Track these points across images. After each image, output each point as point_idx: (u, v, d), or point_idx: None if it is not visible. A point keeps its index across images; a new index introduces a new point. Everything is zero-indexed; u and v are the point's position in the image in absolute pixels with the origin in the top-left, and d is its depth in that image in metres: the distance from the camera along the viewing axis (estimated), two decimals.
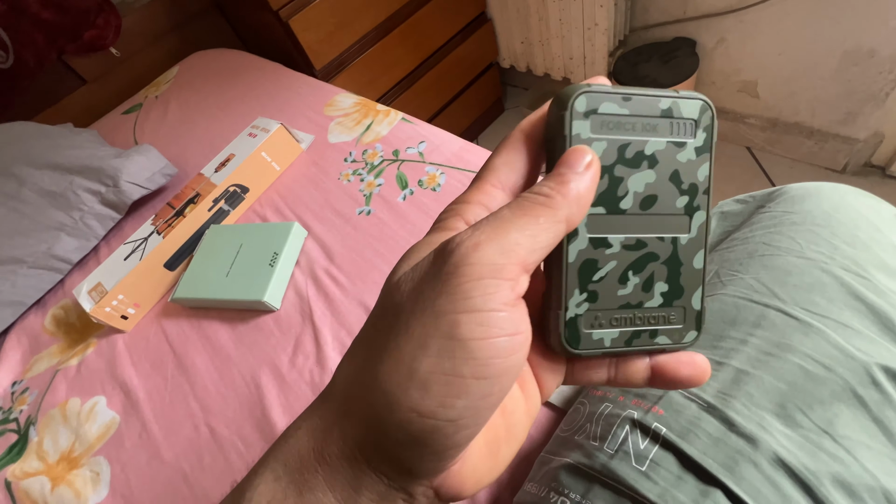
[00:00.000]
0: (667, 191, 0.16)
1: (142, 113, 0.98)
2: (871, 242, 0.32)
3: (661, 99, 0.16)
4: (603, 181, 0.16)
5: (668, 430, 0.27)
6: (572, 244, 0.16)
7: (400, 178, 0.60)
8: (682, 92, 0.16)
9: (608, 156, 0.16)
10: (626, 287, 0.17)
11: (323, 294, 0.52)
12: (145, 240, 0.61)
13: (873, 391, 0.25)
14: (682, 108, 0.16)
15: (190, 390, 0.50)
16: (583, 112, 0.15)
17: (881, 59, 0.85)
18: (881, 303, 0.28)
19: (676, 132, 0.16)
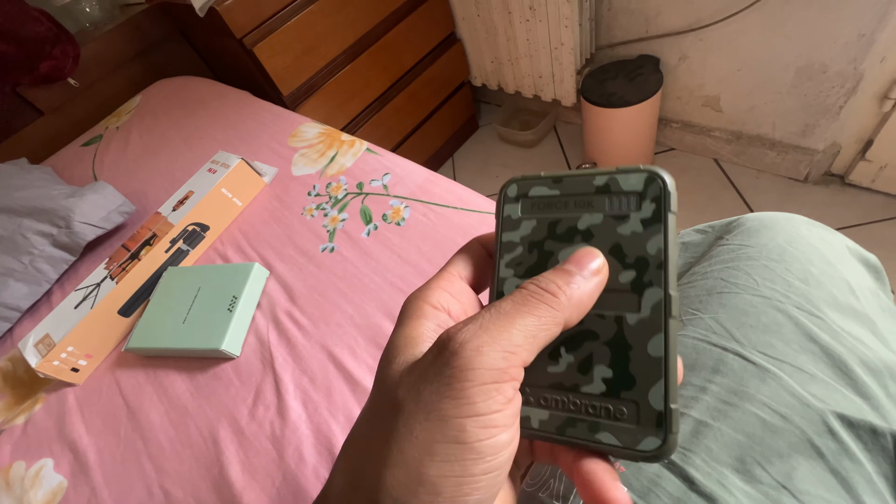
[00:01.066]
0: (610, 264, 0.16)
1: (101, 145, 0.95)
2: (823, 278, 0.32)
3: (596, 176, 0.16)
4: (531, 255, 0.17)
5: (630, 490, 0.26)
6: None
7: (364, 212, 0.59)
8: (624, 167, 0.16)
9: (537, 232, 0.17)
10: (557, 364, 0.16)
11: (285, 339, 0.50)
12: (97, 286, 0.58)
13: (829, 440, 0.25)
14: (622, 182, 0.16)
15: (143, 448, 0.47)
16: (514, 197, 0.17)
17: (832, 75, 0.88)
18: (835, 345, 0.28)
19: (615, 206, 0.16)
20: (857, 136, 0.96)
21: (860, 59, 0.83)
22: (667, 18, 1.01)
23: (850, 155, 0.99)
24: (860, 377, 0.26)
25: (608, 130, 1.11)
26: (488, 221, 0.52)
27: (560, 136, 1.41)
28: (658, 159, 1.24)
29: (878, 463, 0.25)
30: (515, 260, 0.17)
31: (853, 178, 1.00)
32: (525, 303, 0.15)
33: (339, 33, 1.05)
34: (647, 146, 1.16)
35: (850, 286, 0.32)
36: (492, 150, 1.47)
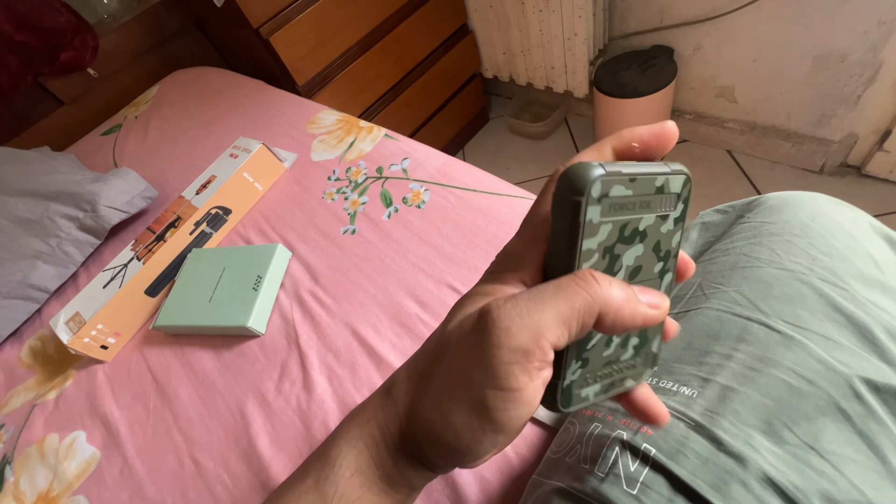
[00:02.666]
0: (649, 260, 0.18)
1: (121, 134, 0.97)
2: (847, 252, 0.32)
3: (658, 177, 0.17)
4: (604, 261, 0.17)
5: (658, 451, 0.27)
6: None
7: (384, 195, 0.59)
8: (672, 166, 0.17)
9: (611, 236, 0.16)
10: (609, 348, 0.18)
11: (308, 317, 0.51)
12: (125, 266, 0.59)
13: (856, 404, 0.25)
14: (672, 184, 0.17)
15: (173, 422, 0.49)
16: (597, 198, 0.15)
17: (851, 63, 0.87)
18: (860, 313, 0.28)
19: (663, 206, 0.17)
20: (874, 127, 0.95)
21: (880, 48, 0.82)
22: (681, 8, 1.00)
23: (867, 146, 0.98)
24: (885, 344, 0.27)
25: (621, 121, 1.11)
26: (508, 204, 0.53)
27: (571, 129, 1.40)
28: (671, 152, 1.23)
29: None
30: (594, 267, 0.17)
31: (870, 169, 0.99)
32: (565, 288, 0.15)
33: (353, 24, 1.05)
34: None
35: (874, 260, 0.32)
36: (502, 143, 1.47)
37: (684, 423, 0.27)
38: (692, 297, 0.35)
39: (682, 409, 0.28)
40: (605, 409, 0.31)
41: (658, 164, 0.17)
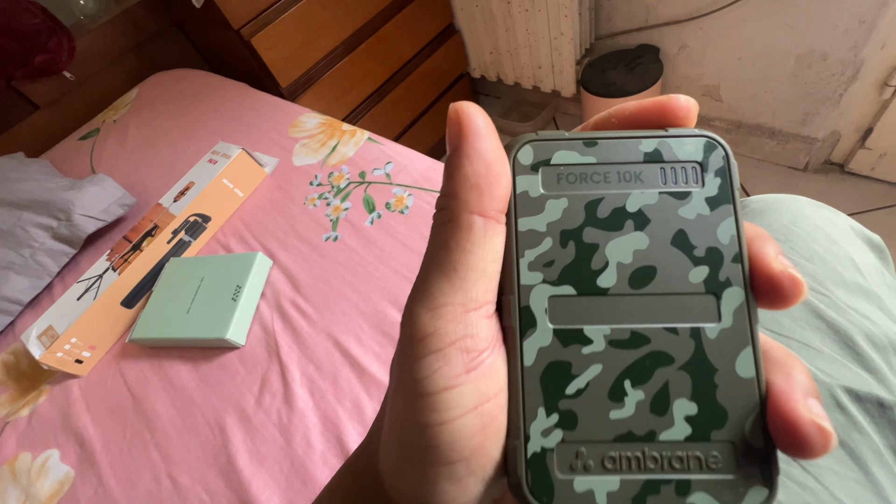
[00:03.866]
0: (671, 259, 0.12)
1: (99, 138, 0.94)
2: (828, 256, 0.32)
3: (643, 140, 0.12)
4: (567, 250, 0.12)
5: None
6: (529, 338, 0.12)
7: (367, 201, 0.58)
8: (674, 130, 0.12)
9: (572, 217, 0.12)
10: (621, 406, 0.11)
11: (290, 327, 0.50)
12: (100, 277, 0.57)
13: (838, 414, 0.25)
14: (676, 148, 0.12)
15: (150, 438, 0.48)
16: (529, 165, 0.12)
17: (833, 62, 0.88)
18: (841, 320, 0.28)
19: (673, 180, 0.12)
20: (856, 124, 0.96)
21: (860, 46, 0.83)
22: (667, 7, 1.00)
23: (849, 143, 0.99)
24: (866, 352, 0.27)
25: None
26: None
27: (559, 128, 1.40)
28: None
29: (885, 435, 0.25)
30: (543, 258, 0.12)
31: (853, 166, 1.00)
32: (430, 239, 0.12)
33: (337, 24, 1.04)
34: None
35: (855, 264, 0.32)
36: None
37: None
38: None
39: None
40: None
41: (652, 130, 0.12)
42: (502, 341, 0.12)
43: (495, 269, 0.12)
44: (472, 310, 0.11)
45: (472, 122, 0.12)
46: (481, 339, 0.11)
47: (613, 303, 0.12)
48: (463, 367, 0.11)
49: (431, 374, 0.11)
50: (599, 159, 0.12)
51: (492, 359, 0.11)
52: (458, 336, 0.11)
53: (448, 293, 0.11)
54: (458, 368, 0.11)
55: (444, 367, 0.11)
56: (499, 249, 0.12)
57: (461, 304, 0.11)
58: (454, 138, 0.12)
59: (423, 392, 0.11)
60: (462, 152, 0.12)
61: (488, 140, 0.12)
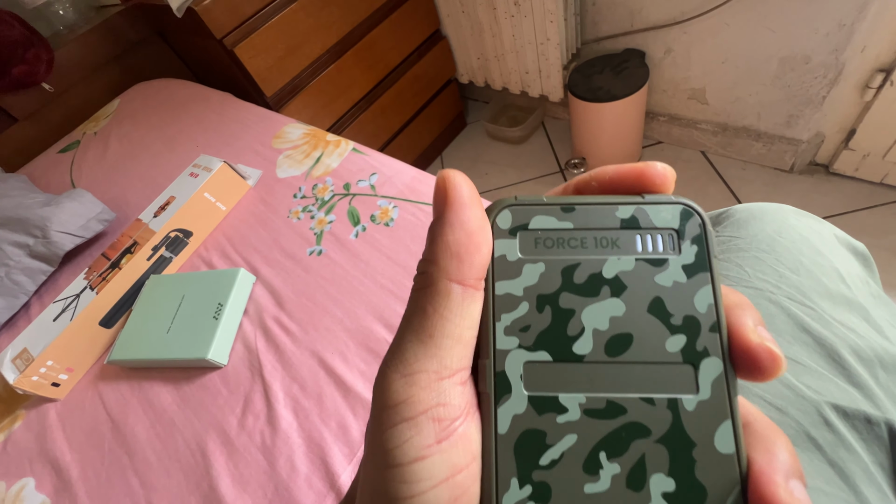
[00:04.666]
0: (647, 327, 0.12)
1: (79, 151, 0.93)
2: (813, 268, 0.32)
3: (619, 206, 0.12)
4: (544, 315, 0.12)
5: None
6: (503, 405, 0.11)
7: (352, 213, 0.57)
8: (651, 196, 0.12)
9: (549, 282, 0.12)
10: (596, 479, 0.11)
11: (273, 345, 0.49)
12: (77, 297, 0.56)
13: (826, 432, 0.25)
14: (653, 215, 0.12)
15: (129, 463, 0.46)
16: (507, 229, 0.12)
17: (815, 65, 0.88)
18: (827, 334, 0.28)
19: (650, 247, 0.12)
20: (840, 126, 0.97)
21: (841, 50, 0.84)
22: (651, 12, 1.01)
23: (833, 144, 1.00)
24: (852, 366, 0.26)
25: (596, 125, 1.11)
26: None
27: (548, 132, 1.40)
28: (646, 153, 1.24)
29: (874, 452, 0.24)
30: (519, 323, 0.12)
31: (837, 167, 1.01)
32: (409, 302, 0.12)
33: (322, 32, 1.03)
34: (636, 140, 1.16)
35: (840, 275, 0.32)
36: (481, 147, 1.46)
37: None
38: None
39: None
40: None
41: (629, 196, 0.12)
42: (476, 407, 0.12)
43: (471, 335, 0.12)
44: (446, 377, 0.11)
45: (457, 192, 0.12)
46: (454, 407, 0.11)
47: (589, 370, 0.11)
48: (434, 436, 0.11)
49: (402, 443, 0.11)
50: (577, 225, 0.12)
51: (464, 427, 0.11)
52: (431, 404, 0.11)
53: (422, 360, 0.11)
54: (430, 438, 0.11)
55: (415, 436, 0.11)
56: (476, 316, 0.12)
57: (435, 372, 0.11)
58: (439, 205, 0.12)
59: (394, 463, 0.11)
60: (445, 220, 0.12)
61: (471, 210, 0.12)
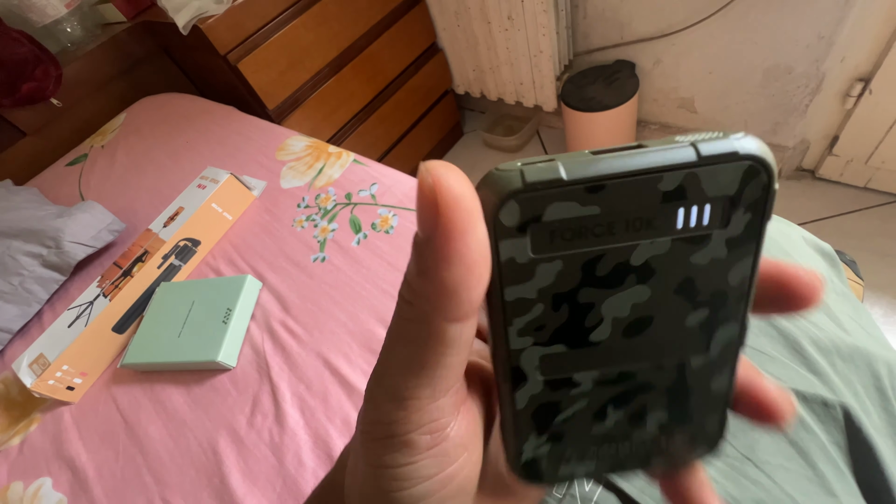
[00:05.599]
0: (671, 307, 0.11)
1: (87, 164, 0.95)
2: None
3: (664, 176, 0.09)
4: (560, 313, 0.10)
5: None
6: (520, 390, 0.12)
7: (353, 221, 0.60)
8: (707, 147, 0.09)
9: (566, 280, 0.10)
10: (603, 423, 0.12)
11: (280, 348, 0.52)
12: (91, 304, 0.58)
13: None
14: (706, 182, 0.09)
15: (143, 462, 0.48)
16: (514, 226, 0.09)
17: (797, 75, 0.92)
18: (790, 327, 0.30)
19: (693, 222, 0.10)
20: (823, 133, 1.00)
21: (822, 60, 0.87)
22: (639, 25, 1.05)
23: (818, 151, 1.04)
24: (812, 356, 0.29)
25: (589, 134, 1.15)
26: None
27: (543, 141, 1.44)
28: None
29: (831, 433, 0.27)
30: (534, 324, 0.11)
31: (823, 172, 1.04)
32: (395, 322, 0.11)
33: (323, 47, 1.07)
34: None
35: None
36: (478, 156, 1.50)
37: None
38: None
39: None
40: None
41: (673, 145, 0.09)
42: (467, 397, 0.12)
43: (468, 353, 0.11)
44: (440, 398, 0.11)
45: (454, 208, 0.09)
46: (446, 418, 0.11)
47: (604, 351, 0.11)
48: (426, 446, 0.11)
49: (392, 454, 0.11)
50: (605, 209, 0.09)
51: (456, 427, 0.11)
52: (423, 423, 0.11)
53: (414, 388, 0.11)
54: (421, 450, 0.11)
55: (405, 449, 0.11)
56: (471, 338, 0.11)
57: (429, 398, 0.11)
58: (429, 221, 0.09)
59: (384, 465, 0.11)
60: (440, 253, 0.09)
61: (473, 234, 0.09)
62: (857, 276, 0.88)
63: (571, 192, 0.09)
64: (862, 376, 0.29)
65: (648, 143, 0.09)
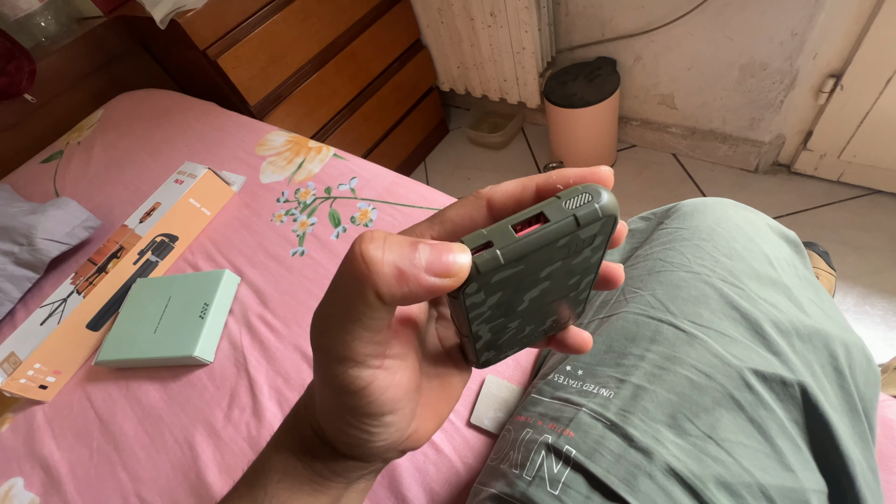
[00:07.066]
0: (559, 285, 0.17)
1: (62, 161, 0.93)
2: (745, 253, 0.35)
3: (559, 240, 0.14)
4: (501, 308, 0.17)
5: (578, 452, 0.29)
6: (479, 343, 0.19)
7: (332, 215, 0.60)
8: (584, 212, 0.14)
9: (505, 296, 0.16)
10: (525, 329, 0.20)
11: (258, 342, 0.51)
12: (64, 301, 0.57)
13: (747, 393, 0.28)
14: (583, 233, 0.15)
15: (118, 459, 0.47)
16: (474, 291, 0.15)
17: (772, 71, 0.94)
18: (753, 310, 0.31)
19: (574, 250, 0.15)
20: (798, 128, 1.03)
21: (795, 57, 0.90)
22: (620, 22, 1.06)
23: (793, 145, 1.06)
24: (772, 337, 0.30)
25: (572, 130, 1.16)
26: None
27: (528, 137, 1.45)
28: (621, 156, 1.29)
29: (789, 410, 0.28)
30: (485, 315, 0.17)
31: (798, 167, 1.07)
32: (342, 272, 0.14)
33: (305, 43, 1.06)
34: (610, 143, 1.21)
35: (768, 259, 0.35)
36: (463, 153, 1.50)
37: (601, 424, 0.29)
38: (615, 302, 0.37)
39: (600, 410, 0.30)
40: (536, 415, 0.33)
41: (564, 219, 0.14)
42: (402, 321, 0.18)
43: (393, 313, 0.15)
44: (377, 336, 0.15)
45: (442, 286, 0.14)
46: (384, 345, 0.16)
47: (524, 310, 0.18)
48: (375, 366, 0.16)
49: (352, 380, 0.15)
50: (526, 264, 0.15)
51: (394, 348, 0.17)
52: (370, 354, 0.15)
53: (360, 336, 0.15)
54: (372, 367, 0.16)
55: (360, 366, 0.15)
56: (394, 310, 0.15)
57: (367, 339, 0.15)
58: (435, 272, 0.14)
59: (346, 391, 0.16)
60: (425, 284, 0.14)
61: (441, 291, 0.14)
62: (829, 266, 0.90)
63: (506, 267, 0.14)
64: (820, 356, 0.30)
65: (546, 210, 0.14)
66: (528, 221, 0.14)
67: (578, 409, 0.31)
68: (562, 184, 0.16)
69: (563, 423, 0.31)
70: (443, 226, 0.17)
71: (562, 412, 0.31)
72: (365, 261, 0.13)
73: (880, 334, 0.85)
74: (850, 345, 0.32)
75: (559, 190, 0.16)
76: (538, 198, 0.16)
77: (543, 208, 0.14)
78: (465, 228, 0.17)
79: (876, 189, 1.00)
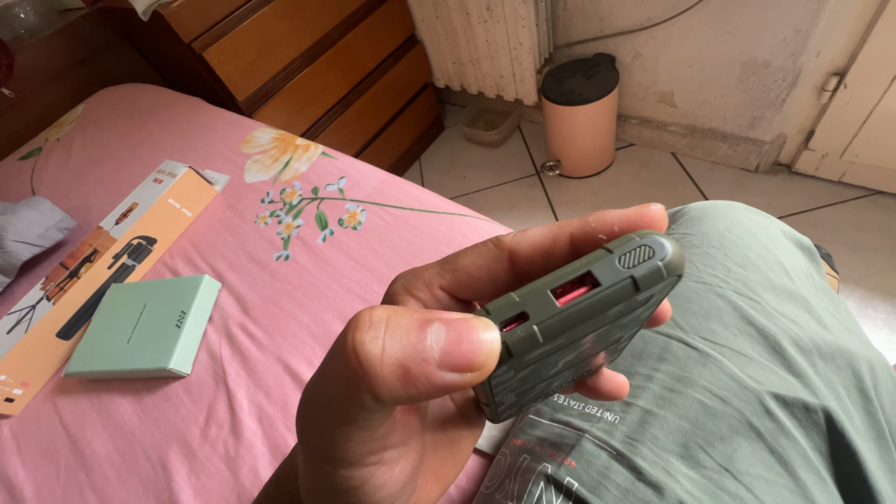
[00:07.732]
0: (603, 341, 0.14)
1: (41, 158, 0.90)
2: (759, 262, 0.33)
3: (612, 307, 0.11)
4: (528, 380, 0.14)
5: (580, 485, 0.26)
6: (501, 407, 0.16)
7: (319, 217, 0.57)
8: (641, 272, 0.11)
9: (538, 368, 0.13)
10: (554, 384, 0.17)
11: (238, 353, 0.48)
12: (32, 308, 0.54)
13: (767, 420, 0.26)
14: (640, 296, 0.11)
15: (86, 479, 0.44)
16: (503, 371, 0.12)
17: (774, 69, 0.92)
18: (770, 326, 0.29)
19: (625, 313, 0.12)
20: (800, 127, 1.01)
21: (798, 54, 0.87)
22: (619, 18, 1.03)
23: (794, 145, 1.04)
24: (792, 356, 0.27)
25: (570, 128, 1.13)
26: (446, 222, 0.51)
27: (524, 135, 1.42)
28: (619, 154, 1.27)
29: (812, 438, 0.25)
30: (510, 388, 0.14)
31: (799, 166, 1.05)
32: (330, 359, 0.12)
33: (295, 36, 1.02)
34: (609, 142, 1.19)
35: (784, 268, 0.33)
36: (458, 151, 1.47)
37: (606, 453, 0.27)
38: None
39: (604, 437, 0.27)
40: (534, 439, 0.30)
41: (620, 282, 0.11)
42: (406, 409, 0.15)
43: None
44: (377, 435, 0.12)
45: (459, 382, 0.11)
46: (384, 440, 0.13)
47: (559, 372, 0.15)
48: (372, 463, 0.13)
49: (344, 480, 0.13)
50: (567, 338, 0.12)
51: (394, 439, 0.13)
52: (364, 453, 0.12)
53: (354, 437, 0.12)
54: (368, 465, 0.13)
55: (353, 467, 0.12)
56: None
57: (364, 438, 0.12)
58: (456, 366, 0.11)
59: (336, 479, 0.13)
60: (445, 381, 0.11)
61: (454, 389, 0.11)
62: (832, 269, 0.88)
63: (545, 344, 0.11)
64: (844, 377, 0.28)
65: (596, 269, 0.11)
66: (572, 284, 0.11)
67: (581, 435, 0.28)
68: (604, 232, 0.13)
69: (565, 450, 0.28)
70: (455, 275, 0.14)
71: (562, 438, 0.29)
72: (359, 360, 0.10)
73: (883, 338, 0.83)
74: (874, 363, 0.29)
75: (599, 240, 0.12)
76: (573, 249, 0.13)
77: (591, 266, 0.11)
78: (483, 282, 0.14)
79: (878, 190, 0.98)
